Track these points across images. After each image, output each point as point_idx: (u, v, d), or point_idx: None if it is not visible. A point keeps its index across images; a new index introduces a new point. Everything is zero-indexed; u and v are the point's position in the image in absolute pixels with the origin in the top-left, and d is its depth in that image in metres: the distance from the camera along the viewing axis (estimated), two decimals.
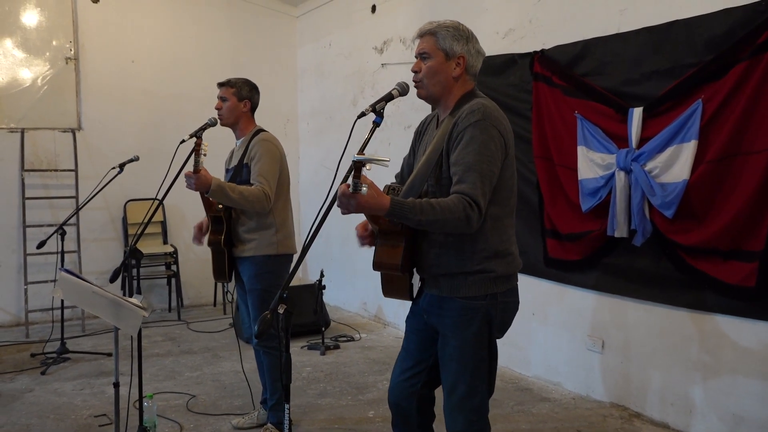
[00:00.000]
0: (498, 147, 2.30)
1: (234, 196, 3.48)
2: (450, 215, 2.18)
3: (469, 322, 2.37)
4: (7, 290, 6.43)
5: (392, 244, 2.39)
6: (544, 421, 4.00)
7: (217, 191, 3.44)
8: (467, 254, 2.35)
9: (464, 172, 2.24)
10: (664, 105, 3.67)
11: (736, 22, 3.34)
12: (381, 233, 2.43)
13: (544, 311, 4.65)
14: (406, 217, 2.18)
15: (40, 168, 6.54)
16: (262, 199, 3.54)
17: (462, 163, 2.25)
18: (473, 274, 2.35)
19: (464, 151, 2.26)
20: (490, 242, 2.35)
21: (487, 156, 2.26)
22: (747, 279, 3.34)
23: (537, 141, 4.47)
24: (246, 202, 3.52)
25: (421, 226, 2.23)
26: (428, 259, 2.41)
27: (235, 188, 3.51)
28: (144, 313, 2.93)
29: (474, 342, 2.37)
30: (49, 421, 4.03)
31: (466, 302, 2.36)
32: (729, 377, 3.54)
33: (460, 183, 2.24)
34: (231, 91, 3.74)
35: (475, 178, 2.22)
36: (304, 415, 4.11)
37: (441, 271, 2.39)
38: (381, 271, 2.45)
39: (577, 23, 4.28)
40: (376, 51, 6.39)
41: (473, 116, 2.29)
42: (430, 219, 2.18)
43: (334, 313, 6.63)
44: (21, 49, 6.47)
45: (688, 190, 3.51)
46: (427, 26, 2.45)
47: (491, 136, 2.28)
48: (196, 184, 3.41)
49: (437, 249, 2.38)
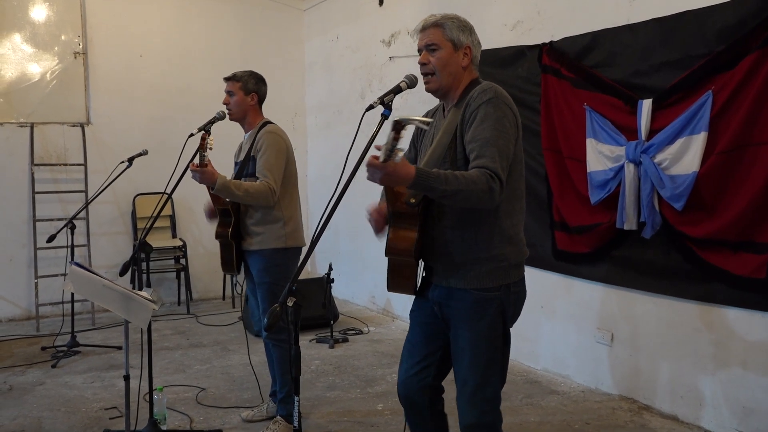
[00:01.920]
0: (511, 124, 2.32)
1: (239, 194, 3.50)
2: (474, 186, 2.16)
3: (482, 313, 2.36)
4: (17, 284, 6.47)
5: (405, 228, 2.37)
6: (552, 414, 3.99)
7: (221, 189, 3.47)
8: (482, 239, 2.34)
9: (482, 147, 2.24)
10: (673, 96, 3.64)
11: (747, 12, 3.31)
12: (395, 216, 2.40)
13: (553, 304, 4.64)
14: (431, 186, 2.15)
15: (50, 162, 6.57)
16: (267, 194, 3.54)
17: (479, 139, 2.26)
18: (486, 262, 2.34)
19: (480, 128, 2.27)
20: (504, 226, 2.36)
21: (503, 132, 2.27)
22: (757, 271, 3.32)
23: (546, 133, 4.45)
24: (251, 198, 3.54)
25: (446, 197, 2.20)
26: (441, 247, 2.40)
27: (239, 185, 3.51)
28: (154, 306, 2.95)
29: (488, 334, 2.37)
30: (60, 414, 4.06)
31: (479, 293, 2.36)
32: (739, 369, 3.52)
33: (479, 158, 2.23)
34: (237, 85, 3.73)
35: (493, 152, 2.22)
36: (312, 408, 4.12)
37: (456, 259, 2.38)
38: (393, 256, 2.42)
39: (586, 14, 4.25)
40: (383, 44, 6.37)
41: (485, 95, 2.31)
42: (455, 189, 2.15)
43: (342, 307, 6.64)
44: (30, 43, 6.49)
45: (698, 182, 3.49)
46: (431, 18, 2.45)
47: (505, 113, 2.31)
48: (201, 178, 3.43)
49: (449, 235, 2.37)
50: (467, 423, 2.42)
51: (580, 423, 3.86)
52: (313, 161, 7.89)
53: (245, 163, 3.71)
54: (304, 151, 7.92)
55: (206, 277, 7.31)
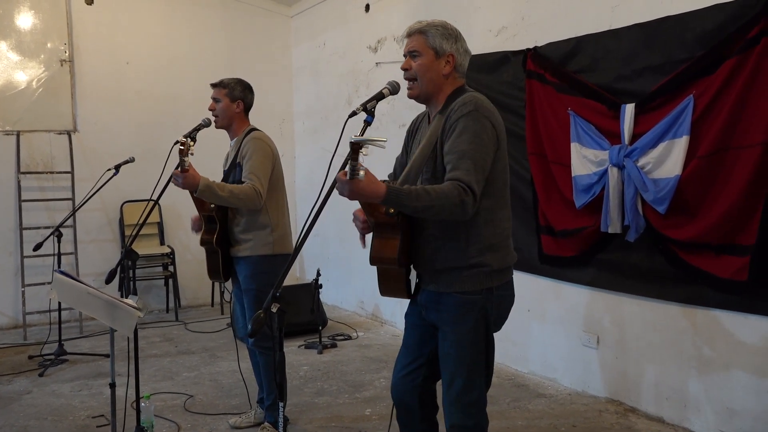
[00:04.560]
0: (490, 138, 2.33)
1: (223, 195, 3.46)
2: (446, 201, 2.20)
3: (465, 316, 2.39)
4: (4, 293, 6.44)
5: (388, 237, 2.40)
6: (540, 417, 4.01)
7: (205, 191, 3.42)
8: (462, 248, 2.37)
9: (458, 160, 2.27)
10: (656, 101, 3.68)
11: (727, 17, 3.35)
12: (377, 226, 2.43)
13: (540, 308, 4.66)
14: (402, 203, 2.20)
15: (36, 170, 6.54)
16: (253, 196, 3.52)
17: (456, 152, 2.28)
18: (468, 269, 2.38)
19: (457, 140, 2.30)
20: (484, 235, 2.38)
21: (480, 145, 2.29)
22: (739, 273, 3.35)
23: (530, 138, 4.48)
24: (236, 200, 3.51)
25: (418, 213, 2.24)
26: (424, 255, 2.44)
27: (224, 187, 3.49)
28: (139, 314, 2.94)
29: (471, 336, 2.40)
30: (47, 423, 4.04)
31: (462, 297, 2.39)
32: (723, 371, 3.56)
33: (454, 170, 2.26)
34: (223, 92, 3.73)
35: (468, 165, 2.25)
36: (301, 413, 4.12)
37: (437, 266, 2.41)
38: (378, 265, 2.45)
39: (570, 20, 4.29)
40: (370, 50, 6.39)
41: (465, 108, 2.33)
42: (426, 205, 2.19)
43: (331, 312, 6.65)
44: (15, 51, 6.47)
45: (681, 186, 3.53)
46: (417, 25, 2.47)
47: (484, 126, 2.32)
48: (183, 183, 3.39)
49: (433, 244, 2.41)
50: (452, 423, 2.46)
51: (567, 426, 3.88)
52: (301, 167, 7.90)
53: (231, 170, 3.71)
54: (292, 157, 7.92)
55: (194, 284, 7.29)
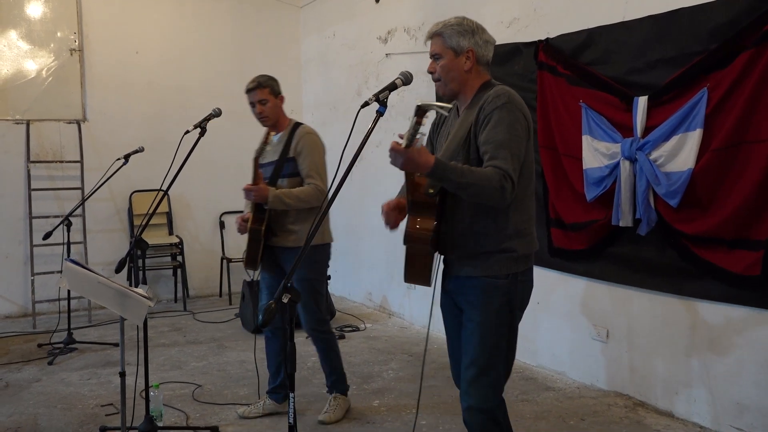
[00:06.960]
0: (523, 128, 2.42)
1: (290, 202, 3.61)
2: (487, 183, 2.27)
3: (490, 299, 2.46)
4: (14, 281, 6.47)
5: (425, 216, 2.46)
6: (548, 411, 4.01)
7: (274, 201, 3.58)
8: (491, 233, 2.44)
9: (495, 149, 2.34)
10: (669, 94, 3.65)
11: (741, 9, 3.32)
12: (414, 205, 2.48)
13: (549, 301, 4.65)
14: (447, 177, 2.27)
15: (46, 159, 6.56)
16: (318, 196, 3.64)
17: (492, 142, 2.35)
18: (498, 253, 2.44)
19: (493, 131, 2.36)
20: (512, 221, 2.45)
21: (515, 136, 2.38)
22: (752, 268, 3.33)
23: (541, 130, 4.45)
24: (303, 203, 3.64)
25: (460, 189, 2.31)
26: (454, 240, 2.49)
27: (289, 194, 3.62)
28: (149, 303, 2.94)
29: (495, 319, 2.46)
30: (57, 411, 4.06)
31: (488, 280, 2.45)
32: (733, 366, 3.54)
33: (492, 159, 2.33)
34: (266, 91, 3.76)
35: (506, 154, 2.33)
36: (309, 404, 4.13)
37: (468, 250, 2.48)
38: (411, 243, 2.49)
39: (582, 12, 4.25)
40: (380, 41, 6.37)
41: (499, 100, 2.41)
42: (470, 182, 2.27)
43: (339, 304, 6.65)
44: (26, 40, 6.48)
45: (693, 179, 3.50)
46: (434, 28, 2.56)
47: (517, 117, 2.40)
48: (255, 197, 3.56)
49: (462, 229, 2.47)
50: (468, 405, 2.51)
51: (575, 419, 3.87)
52: None
53: (281, 164, 3.75)
54: None
55: (203, 274, 7.31)
